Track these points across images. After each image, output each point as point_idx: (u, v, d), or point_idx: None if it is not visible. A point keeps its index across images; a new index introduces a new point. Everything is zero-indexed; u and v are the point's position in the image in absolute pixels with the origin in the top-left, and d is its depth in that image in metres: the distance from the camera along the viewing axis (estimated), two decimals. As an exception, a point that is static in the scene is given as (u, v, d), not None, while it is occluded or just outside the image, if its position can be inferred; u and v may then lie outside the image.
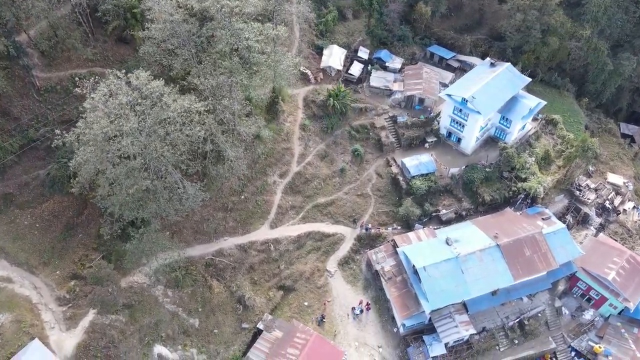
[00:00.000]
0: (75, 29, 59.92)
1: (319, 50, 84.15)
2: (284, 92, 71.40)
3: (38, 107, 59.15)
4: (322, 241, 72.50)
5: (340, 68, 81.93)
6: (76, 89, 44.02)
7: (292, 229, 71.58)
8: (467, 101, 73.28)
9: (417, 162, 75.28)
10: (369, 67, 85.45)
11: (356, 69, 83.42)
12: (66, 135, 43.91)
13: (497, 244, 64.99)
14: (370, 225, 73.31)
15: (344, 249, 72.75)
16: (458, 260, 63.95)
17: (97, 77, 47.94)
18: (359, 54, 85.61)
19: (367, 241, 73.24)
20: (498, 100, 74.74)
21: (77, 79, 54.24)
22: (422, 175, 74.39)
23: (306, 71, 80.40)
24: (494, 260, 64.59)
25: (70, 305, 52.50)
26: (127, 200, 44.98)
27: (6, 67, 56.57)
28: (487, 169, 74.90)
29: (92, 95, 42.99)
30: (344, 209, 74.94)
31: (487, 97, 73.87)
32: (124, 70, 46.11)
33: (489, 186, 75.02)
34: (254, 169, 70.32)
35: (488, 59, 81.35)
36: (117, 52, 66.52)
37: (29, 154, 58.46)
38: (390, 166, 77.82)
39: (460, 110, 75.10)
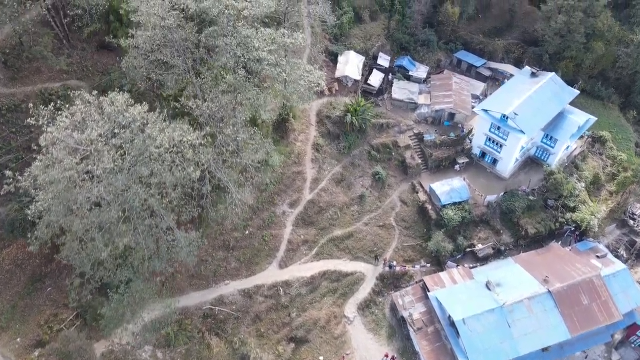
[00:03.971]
0: (45, 35, 49.17)
1: (334, 58, 73.63)
2: (296, 107, 60.97)
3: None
4: (340, 282, 62.12)
5: (359, 78, 71.44)
6: (29, 119, 33.51)
7: (304, 269, 61.20)
8: (507, 118, 62.97)
9: (449, 189, 64.84)
10: (391, 77, 74.95)
11: (376, 79, 72.93)
12: (20, 178, 33.40)
13: (549, 291, 54.87)
14: (394, 262, 62.92)
15: (364, 291, 62.37)
16: (503, 311, 53.80)
17: (70, 91, 37.41)
18: (379, 61, 75.12)
19: (392, 281, 62.89)
20: (543, 117, 64.44)
21: (43, 99, 43.73)
22: (454, 203, 63.96)
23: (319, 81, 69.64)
24: (545, 310, 54.42)
25: (33, 382, 42.09)
26: (102, 259, 34.56)
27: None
28: (531, 198, 64.47)
29: (48, 129, 32.46)
30: (363, 243, 64.56)
31: (530, 114, 63.59)
32: (95, 93, 35.51)
33: (532, 217, 64.72)
34: (260, 198, 59.89)
35: (528, 68, 71.01)
36: (98, 62, 56.07)
37: (-12, 187, 47.79)
38: (417, 192, 67.42)
39: (499, 129, 64.81)
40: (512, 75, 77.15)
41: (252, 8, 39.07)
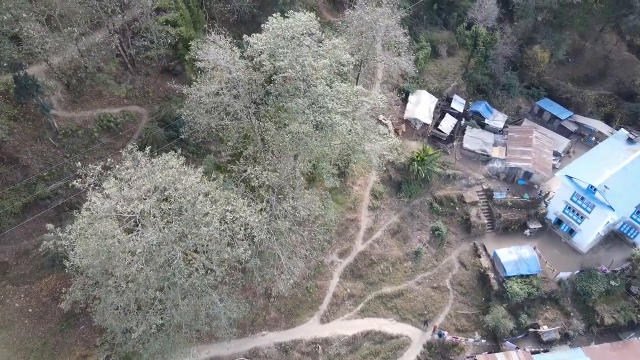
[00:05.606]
0: (109, 60, 47.29)
1: (404, 95, 68.46)
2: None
3: (54, 154, 47.21)
4: (383, 344, 57.12)
5: (429, 122, 65.95)
6: (75, 181, 31.00)
7: (346, 326, 56.66)
8: (595, 190, 55.67)
9: (516, 258, 58.29)
10: (463, 122, 68.91)
11: (447, 124, 67.17)
12: (60, 235, 30.99)
13: (625, 400, 47.55)
14: (445, 332, 57.23)
15: (408, 357, 57.08)
16: (568, 416, 47.13)
17: (128, 117, 34.31)
18: (453, 104, 69.24)
19: (439, 350, 57.31)
20: (639, 193, 56.52)
21: (105, 122, 41.36)
22: (520, 276, 57.41)
23: (386, 121, 65.00)
24: (618, 423, 47.24)
25: None
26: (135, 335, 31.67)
27: (18, 103, 44.75)
28: (612, 282, 56.81)
29: (93, 198, 29.76)
30: (413, 304, 59.24)
31: (623, 188, 56.05)
32: (147, 152, 32.45)
33: (611, 303, 57.13)
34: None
35: (623, 131, 62.92)
36: (159, 87, 53.94)
37: (35, 211, 46.59)
38: (479, 256, 61.23)
39: (582, 199, 57.55)
40: (599, 133, 69.18)
41: (331, 66, 34.94)
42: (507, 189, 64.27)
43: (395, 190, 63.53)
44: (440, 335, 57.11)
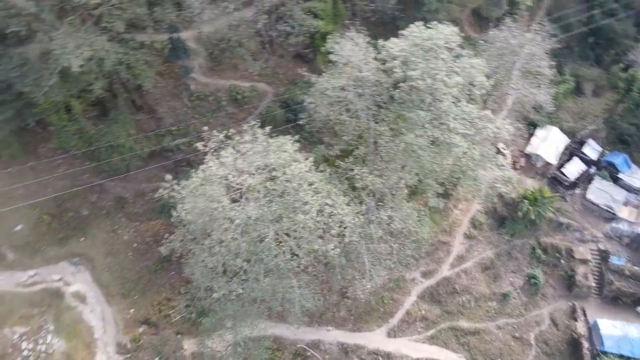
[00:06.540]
0: (251, 38, 50.26)
1: (530, 126, 63.84)
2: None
3: (184, 113, 51.67)
4: (444, 379, 54.59)
5: (553, 162, 60.83)
6: (198, 143, 33.58)
7: (412, 347, 54.92)
8: None
9: (619, 335, 51.91)
10: (593, 171, 62.48)
11: (574, 169, 61.39)
12: (175, 187, 33.83)
13: None
14: (516, 387, 53.05)
15: (467, 402, 54.02)
16: None
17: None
18: (585, 149, 63.07)
19: (503, 406, 53.32)
20: None
21: (233, 94, 44.11)
22: (620, 356, 51.01)
23: (504, 151, 61.19)
24: None
25: (129, 357, 44.52)
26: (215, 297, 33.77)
27: (166, 62, 49.51)
28: None
29: (209, 162, 31.90)
30: (488, 347, 55.55)
31: None
32: (267, 130, 33.88)
33: None
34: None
35: None
36: (289, 71, 56.30)
37: (158, 159, 51.48)
38: (576, 319, 55.51)
39: None
40: None
41: (463, 86, 33.55)
42: (628, 257, 57.21)
43: (497, 224, 59.88)
44: (509, 389, 53.08)
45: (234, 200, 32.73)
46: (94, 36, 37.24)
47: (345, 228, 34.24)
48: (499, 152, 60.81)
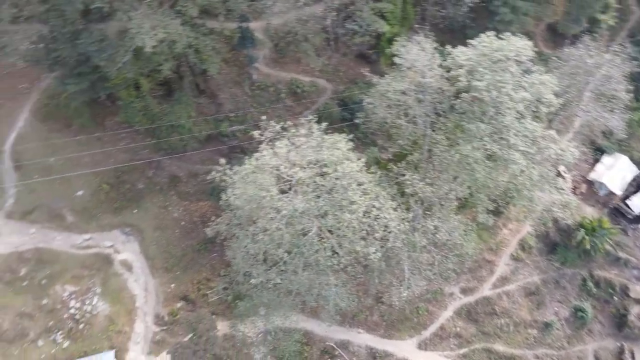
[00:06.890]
0: (317, 33, 50.63)
1: (598, 153, 60.47)
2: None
3: (244, 101, 52.92)
4: (471, 402, 53.05)
5: (618, 193, 57.39)
6: (255, 131, 34.19)
7: (442, 363, 53.78)
8: None
9: (670, 384, 48.33)
10: (661, 207, 58.48)
11: (640, 202, 57.68)
12: (227, 172, 34.72)
13: None
14: (548, 422, 50.73)
15: None
16: None
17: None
18: (656, 182, 59.07)
19: None
20: None
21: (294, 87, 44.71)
22: (668, 407, 47.56)
23: (565, 174, 58.37)
24: None
25: (165, 329, 46.25)
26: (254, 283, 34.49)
27: (232, 50, 50.82)
28: None
29: (264, 152, 32.43)
30: (523, 376, 53.45)
31: None
32: (323, 126, 34.04)
33: None
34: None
35: None
36: (350, 69, 56.32)
37: (214, 143, 53.08)
38: (623, 361, 52.32)
39: None
40: None
41: (530, 103, 32.21)
42: (690, 302, 53.13)
43: (547, 250, 57.38)
44: (540, 422, 50.87)
45: (282, 191, 33.19)
46: (168, 19, 38.81)
47: (389, 233, 33.90)
48: (559, 174, 58.08)
